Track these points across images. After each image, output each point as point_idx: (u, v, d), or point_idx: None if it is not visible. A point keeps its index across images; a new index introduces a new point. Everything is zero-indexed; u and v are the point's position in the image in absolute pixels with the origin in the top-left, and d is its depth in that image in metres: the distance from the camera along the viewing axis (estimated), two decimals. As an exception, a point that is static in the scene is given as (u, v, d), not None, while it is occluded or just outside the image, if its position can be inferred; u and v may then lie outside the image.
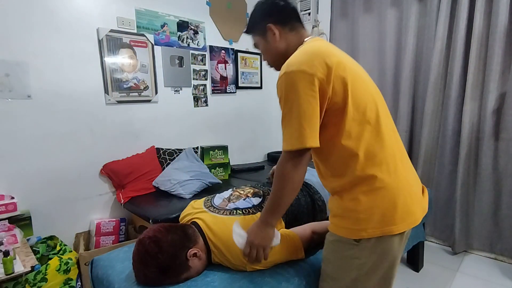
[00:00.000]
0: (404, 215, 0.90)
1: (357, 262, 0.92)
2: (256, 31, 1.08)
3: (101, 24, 2.09)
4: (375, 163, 0.89)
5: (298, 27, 1.06)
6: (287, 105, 0.87)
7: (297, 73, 0.86)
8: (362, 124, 0.90)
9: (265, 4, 1.06)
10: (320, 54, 0.88)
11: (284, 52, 1.04)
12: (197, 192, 2.17)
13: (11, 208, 1.69)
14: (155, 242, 0.99)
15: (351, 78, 0.90)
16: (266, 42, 1.06)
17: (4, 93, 1.75)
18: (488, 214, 2.11)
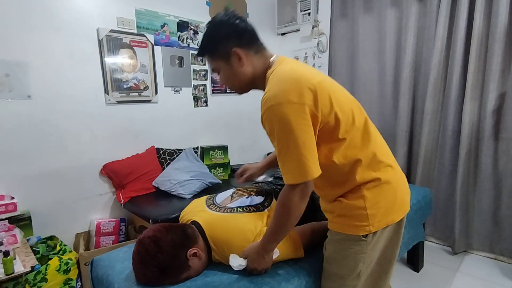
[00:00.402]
0: (402, 204, 1.00)
1: (363, 256, 0.97)
2: (217, 55, 0.98)
3: (101, 24, 2.09)
4: (376, 165, 0.95)
5: (262, 48, 1.00)
6: (283, 139, 0.85)
7: (286, 105, 0.83)
8: (354, 133, 0.93)
9: (224, 25, 0.95)
10: (302, 79, 0.87)
11: (251, 77, 0.99)
12: (197, 192, 2.17)
13: (11, 208, 1.69)
14: (155, 242, 0.99)
15: (333, 95, 0.90)
16: (230, 67, 0.98)
17: (4, 93, 1.75)
18: (488, 214, 2.11)
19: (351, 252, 0.97)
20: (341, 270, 1.01)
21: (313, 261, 1.13)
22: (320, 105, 0.86)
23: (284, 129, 0.84)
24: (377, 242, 0.98)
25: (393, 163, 1.01)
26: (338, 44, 2.84)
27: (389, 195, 0.96)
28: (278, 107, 0.84)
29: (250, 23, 0.99)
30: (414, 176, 2.44)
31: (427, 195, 1.89)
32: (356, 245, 0.96)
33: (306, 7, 2.95)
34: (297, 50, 3.24)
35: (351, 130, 0.92)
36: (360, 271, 1.00)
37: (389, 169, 0.98)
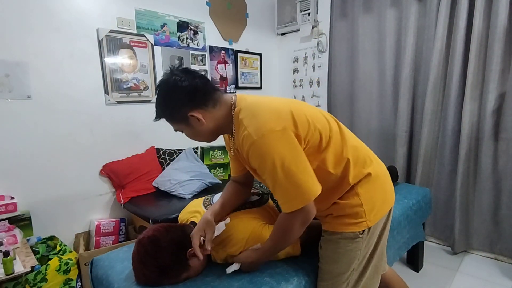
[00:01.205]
0: (391, 193, 1.07)
1: (358, 253, 1.00)
2: (175, 120, 0.96)
3: (101, 24, 2.09)
4: (363, 161, 1.00)
5: (217, 97, 0.96)
6: (275, 170, 0.83)
7: (270, 135, 0.83)
8: (335, 138, 0.95)
9: (174, 91, 0.92)
10: (275, 107, 0.90)
11: (215, 128, 0.97)
12: (197, 192, 2.17)
13: (11, 209, 1.69)
14: (155, 242, 0.99)
15: (306, 111, 0.93)
16: (191, 128, 0.96)
17: (4, 93, 1.75)
18: (488, 214, 2.11)
19: (347, 250, 1.00)
20: (336, 268, 1.03)
21: (313, 261, 1.13)
22: (300, 126, 0.88)
23: (274, 160, 0.83)
24: (371, 238, 1.02)
25: (374, 156, 1.07)
26: (338, 44, 2.84)
27: (380, 188, 1.02)
28: (262, 139, 0.83)
29: (200, 75, 0.97)
30: (414, 176, 2.45)
31: (427, 195, 1.90)
32: (353, 243, 0.99)
33: (306, 7, 2.95)
34: (297, 50, 3.24)
35: (331, 136, 0.95)
36: (353, 269, 1.03)
37: (374, 162, 1.03)
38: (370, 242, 1.03)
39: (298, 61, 3.26)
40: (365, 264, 1.06)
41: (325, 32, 2.96)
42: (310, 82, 3.19)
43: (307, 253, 1.15)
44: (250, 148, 0.86)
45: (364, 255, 1.04)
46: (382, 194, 1.02)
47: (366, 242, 1.01)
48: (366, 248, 1.03)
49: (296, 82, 3.31)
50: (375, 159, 1.06)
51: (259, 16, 3.17)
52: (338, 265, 1.02)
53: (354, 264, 1.02)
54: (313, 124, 0.92)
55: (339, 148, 0.96)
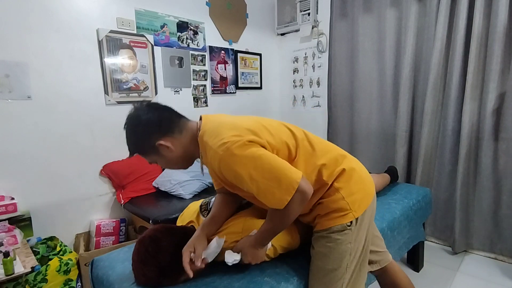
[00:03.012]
0: (370, 184, 1.09)
1: (349, 247, 1.01)
2: (147, 152, 1.01)
3: (101, 24, 2.09)
4: (334, 161, 1.02)
5: (182, 124, 1.01)
6: (251, 175, 0.85)
7: (234, 145, 0.86)
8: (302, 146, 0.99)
9: (139, 125, 0.97)
10: (235, 125, 0.93)
11: (185, 154, 1.01)
12: (197, 193, 2.17)
13: (11, 209, 1.69)
14: (156, 242, 0.99)
15: (267, 124, 0.98)
16: (163, 158, 1.00)
17: (4, 94, 1.75)
18: (488, 213, 2.11)
19: (338, 243, 1.00)
20: (329, 263, 1.02)
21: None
22: (263, 138, 0.91)
23: (246, 167, 0.85)
24: (359, 230, 1.03)
25: (345, 154, 1.09)
26: (338, 44, 2.84)
27: (358, 180, 1.04)
28: (227, 151, 0.86)
29: (163, 106, 1.02)
30: (414, 176, 2.45)
31: (427, 195, 1.90)
32: (342, 235, 1.00)
33: (305, 7, 2.95)
34: (297, 50, 3.24)
35: (298, 145, 0.99)
36: (347, 264, 1.02)
37: (347, 158, 1.06)
38: (360, 235, 1.03)
39: (298, 61, 3.27)
40: (359, 260, 1.06)
41: (325, 32, 2.96)
42: (310, 82, 3.19)
43: (307, 253, 1.15)
44: (220, 163, 0.89)
45: (356, 250, 1.03)
46: (361, 185, 1.05)
47: (356, 235, 1.02)
48: (357, 242, 1.03)
49: (296, 82, 3.31)
50: (347, 156, 1.08)
51: (259, 16, 3.17)
52: (329, 260, 1.01)
53: (346, 259, 1.01)
54: (278, 136, 0.96)
55: (308, 154, 0.99)
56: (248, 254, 1.02)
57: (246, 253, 1.02)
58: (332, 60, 2.90)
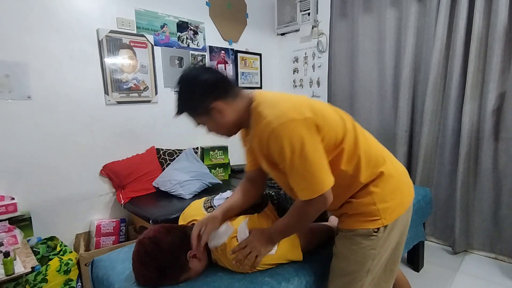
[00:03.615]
0: (407, 193, 1.06)
1: (373, 253, 0.99)
2: (198, 112, 0.98)
3: (101, 25, 2.09)
4: (375, 161, 0.99)
5: (237, 90, 1.00)
6: (293, 156, 0.85)
7: (290, 122, 0.85)
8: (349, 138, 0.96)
9: (197, 83, 0.95)
10: (295, 99, 0.93)
11: (236, 121, 0.99)
12: (197, 193, 2.17)
13: (11, 209, 1.69)
14: (155, 242, 0.99)
15: (323, 108, 0.96)
16: (213, 121, 0.98)
17: (4, 94, 1.75)
18: (488, 213, 2.11)
19: (361, 247, 0.99)
20: (350, 265, 1.01)
21: (313, 261, 1.14)
22: (319, 119, 0.90)
23: (293, 146, 0.84)
24: (387, 239, 1.00)
25: (388, 156, 1.06)
26: (338, 44, 2.84)
27: (394, 187, 1.00)
28: (282, 126, 0.85)
29: (218, 70, 1.00)
30: (414, 176, 2.44)
31: (427, 195, 1.89)
32: (367, 240, 0.98)
33: (305, 7, 2.95)
34: (297, 50, 3.24)
35: (345, 134, 0.96)
36: (369, 269, 1.00)
37: (387, 162, 1.02)
38: (387, 243, 1.01)
39: (298, 61, 3.27)
40: (385, 266, 1.05)
41: (325, 32, 2.96)
42: (310, 82, 3.19)
43: (307, 254, 1.15)
44: (270, 135, 0.87)
45: (380, 256, 1.01)
46: (397, 193, 1.01)
47: (382, 242, 0.99)
48: (383, 249, 1.00)
49: (296, 82, 3.31)
50: (389, 159, 1.05)
51: (259, 16, 3.17)
52: (350, 263, 1.01)
53: (368, 264, 0.99)
54: (329, 121, 0.93)
55: (352, 146, 0.96)
56: (256, 238, 1.01)
57: (255, 236, 1.02)
58: (332, 60, 2.90)
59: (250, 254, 1.01)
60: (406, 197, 1.05)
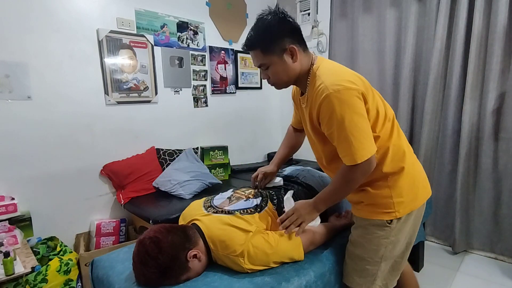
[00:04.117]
0: (423, 189, 1.11)
1: (386, 241, 1.05)
2: (272, 50, 1.00)
3: (100, 25, 2.09)
4: (401, 156, 1.04)
5: (306, 47, 1.07)
6: (341, 123, 0.91)
7: (344, 91, 0.91)
8: (387, 127, 1.02)
9: (279, 21, 0.99)
10: (350, 71, 0.99)
11: (298, 73, 1.05)
12: (197, 193, 2.17)
13: (12, 209, 1.70)
14: (156, 242, 0.99)
15: (373, 89, 1.02)
16: (282, 63, 1.01)
17: (4, 94, 1.75)
18: (488, 213, 2.11)
19: (375, 237, 1.06)
20: (364, 253, 1.09)
21: (314, 261, 1.14)
22: (368, 94, 0.96)
23: (344, 114, 0.90)
24: (401, 230, 1.06)
25: (410, 152, 1.10)
26: (338, 44, 2.84)
27: (411, 183, 1.05)
28: (337, 93, 0.90)
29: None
30: (414, 176, 2.44)
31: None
32: (381, 230, 1.05)
33: (305, 7, 2.95)
34: (297, 50, 3.24)
35: (384, 124, 1.01)
36: (382, 256, 1.07)
37: (410, 158, 1.08)
38: (400, 234, 1.07)
39: (298, 61, 3.26)
40: (399, 255, 1.11)
41: (325, 32, 2.96)
42: (310, 82, 3.18)
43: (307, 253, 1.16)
44: (324, 100, 0.92)
45: (393, 246, 1.07)
46: (414, 188, 1.07)
47: (395, 232, 1.05)
48: (396, 239, 1.06)
49: (296, 82, 3.30)
50: (411, 155, 1.10)
51: (259, 16, 3.17)
52: (365, 250, 1.08)
53: (381, 251, 1.06)
54: (375, 101, 0.99)
55: (386, 136, 1.02)
56: (302, 206, 1.08)
57: (301, 204, 1.09)
58: (332, 60, 2.89)
59: (296, 220, 1.07)
60: (421, 194, 1.10)
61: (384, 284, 1.12)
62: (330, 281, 1.15)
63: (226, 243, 1.06)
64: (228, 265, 1.07)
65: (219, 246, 1.07)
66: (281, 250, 1.08)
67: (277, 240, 1.08)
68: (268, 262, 1.07)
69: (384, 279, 1.12)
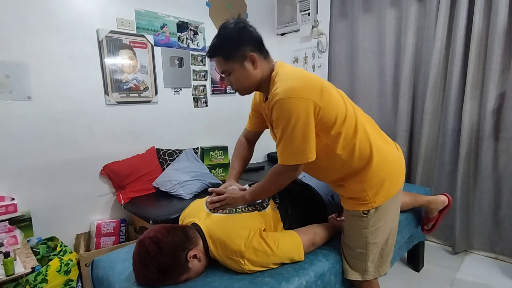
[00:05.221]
0: (398, 178, 1.16)
1: (366, 231, 1.13)
2: (233, 57, 1.05)
3: (100, 25, 2.09)
4: (369, 151, 1.08)
5: (267, 54, 1.11)
6: (286, 128, 0.97)
7: (293, 99, 0.95)
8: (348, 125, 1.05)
9: (240, 30, 1.04)
10: (308, 78, 1.02)
11: (259, 80, 1.09)
12: (197, 193, 2.17)
13: (12, 209, 1.70)
14: (156, 242, 0.99)
15: (332, 92, 1.05)
16: (243, 70, 1.06)
17: (4, 94, 1.75)
18: (488, 213, 2.11)
19: (357, 226, 1.14)
20: (351, 242, 1.18)
21: (314, 261, 1.14)
22: (323, 102, 0.99)
23: (289, 119, 0.96)
24: (379, 218, 1.12)
25: (384, 145, 1.15)
26: (338, 44, 2.84)
27: (384, 176, 1.11)
28: (286, 100, 0.96)
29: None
30: (414, 176, 2.44)
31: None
32: (360, 221, 1.13)
33: (305, 7, 2.95)
34: (297, 50, 3.24)
35: (346, 120, 1.05)
36: (366, 245, 1.14)
37: (382, 150, 1.12)
38: (380, 223, 1.13)
39: (298, 61, 3.26)
40: (384, 242, 1.18)
41: (325, 32, 2.96)
42: (310, 82, 3.18)
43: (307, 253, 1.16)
44: (275, 103, 0.98)
45: (375, 235, 1.14)
46: (387, 181, 1.11)
47: (374, 222, 1.12)
48: (374, 228, 1.13)
49: (296, 82, 3.30)
50: (383, 148, 1.13)
51: (259, 16, 3.17)
52: (351, 239, 1.18)
53: (363, 240, 1.14)
54: (333, 103, 1.03)
55: (350, 133, 1.06)
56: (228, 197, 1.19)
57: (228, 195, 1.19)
58: (332, 60, 2.90)
59: (223, 201, 1.19)
60: (396, 183, 1.15)
61: (376, 272, 1.19)
62: (330, 281, 1.15)
63: (226, 244, 1.06)
64: (228, 265, 1.07)
65: (219, 246, 1.07)
66: (282, 252, 1.08)
67: (278, 241, 1.08)
68: (268, 264, 1.07)
69: (376, 268, 1.19)
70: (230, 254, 1.05)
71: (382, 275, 1.22)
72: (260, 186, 1.16)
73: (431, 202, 1.67)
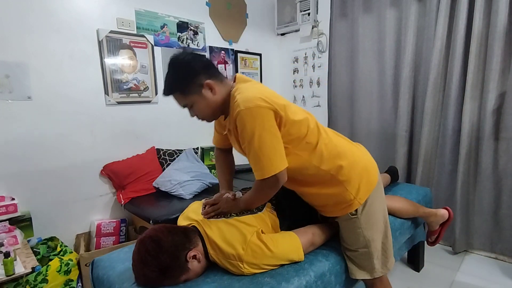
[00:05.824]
0: (372, 170, 1.18)
1: (360, 231, 1.13)
2: (190, 91, 1.05)
3: (101, 25, 2.09)
4: (337, 152, 1.10)
5: (222, 77, 1.11)
6: (253, 139, 0.96)
7: (254, 109, 0.95)
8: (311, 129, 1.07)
9: (190, 61, 1.04)
10: (266, 90, 1.04)
11: (222, 104, 1.09)
12: (198, 193, 2.17)
13: (12, 209, 1.69)
14: (156, 241, 0.99)
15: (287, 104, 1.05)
16: (203, 99, 1.06)
17: (4, 94, 1.75)
18: (489, 213, 2.11)
19: (351, 228, 1.15)
20: (351, 245, 1.18)
21: (314, 261, 1.14)
22: (285, 110, 1.00)
23: (253, 130, 0.95)
24: (369, 212, 1.13)
25: (348, 146, 1.17)
26: (338, 44, 2.84)
27: (360, 170, 1.13)
28: (247, 111, 0.95)
29: (204, 56, 1.14)
30: (414, 176, 2.45)
31: (427, 195, 1.90)
32: (352, 223, 1.14)
33: (305, 7, 2.95)
34: (297, 50, 3.24)
35: (308, 131, 1.06)
36: (366, 243, 1.14)
37: (349, 149, 1.15)
38: (371, 218, 1.14)
39: (298, 61, 3.27)
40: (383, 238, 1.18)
41: (325, 32, 2.96)
42: (310, 82, 3.19)
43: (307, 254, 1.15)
44: (237, 115, 0.98)
45: (371, 231, 1.14)
46: (364, 174, 1.14)
47: (365, 219, 1.13)
48: (368, 225, 1.13)
49: (296, 82, 3.31)
50: (349, 148, 1.16)
51: (259, 16, 3.17)
52: (350, 242, 1.17)
53: (362, 239, 1.13)
54: (292, 116, 1.03)
55: (314, 138, 1.08)
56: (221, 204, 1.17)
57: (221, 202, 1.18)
58: (332, 60, 2.90)
59: (214, 207, 1.17)
60: (373, 174, 1.17)
61: (383, 267, 1.19)
62: (330, 281, 1.15)
63: (224, 248, 1.05)
64: (227, 268, 1.07)
65: (217, 249, 1.06)
66: (281, 253, 1.07)
67: (276, 243, 1.08)
68: (268, 265, 1.06)
69: (382, 264, 1.18)
70: (228, 258, 1.04)
71: (391, 270, 1.22)
72: (250, 199, 1.14)
73: (431, 215, 1.68)
